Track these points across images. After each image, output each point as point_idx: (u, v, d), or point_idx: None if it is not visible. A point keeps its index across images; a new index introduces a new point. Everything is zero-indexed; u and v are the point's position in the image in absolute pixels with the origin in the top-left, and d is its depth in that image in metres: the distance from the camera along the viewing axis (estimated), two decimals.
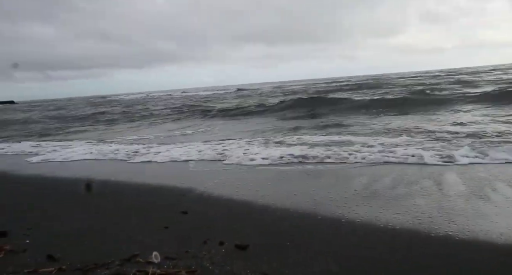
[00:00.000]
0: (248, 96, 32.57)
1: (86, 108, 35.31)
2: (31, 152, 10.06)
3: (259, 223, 3.66)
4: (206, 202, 4.47)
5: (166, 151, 8.28)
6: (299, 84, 51.58)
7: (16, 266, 2.68)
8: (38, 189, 5.79)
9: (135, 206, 4.39)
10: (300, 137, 9.03)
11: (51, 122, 22.77)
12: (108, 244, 3.18)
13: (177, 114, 20.76)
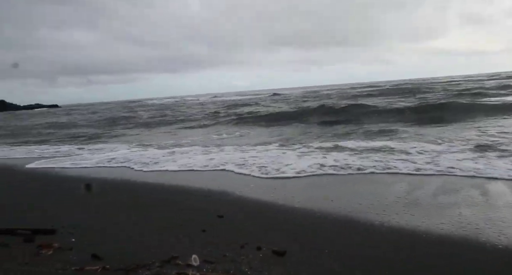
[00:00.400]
0: (283, 101, 32.43)
1: (123, 112, 36.46)
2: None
3: (295, 229, 3.64)
4: (242, 207, 4.50)
5: (201, 156, 8.40)
6: (334, 89, 50.76)
7: (64, 263, 2.80)
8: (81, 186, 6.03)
9: (174, 209, 4.48)
10: (337, 143, 8.90)
11: (96, 125, 23.65)
12: (148, 245, 3.26)
13: (211, 119, 21.02)
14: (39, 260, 2.88)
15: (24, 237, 3.43)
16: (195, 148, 9.96)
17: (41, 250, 3.11)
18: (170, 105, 43.28)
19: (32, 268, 2.69)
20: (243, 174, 6.38)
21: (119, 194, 5.45)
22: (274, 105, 27.49)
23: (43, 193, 5.80)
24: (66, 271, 2.65)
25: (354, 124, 13.86)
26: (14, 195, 5.71)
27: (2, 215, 4.36)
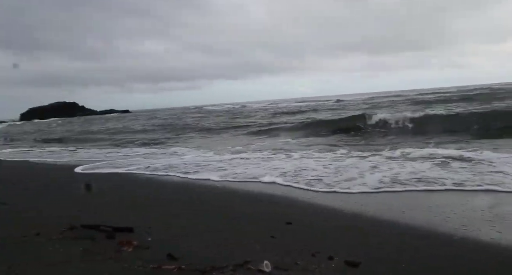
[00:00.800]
0: (349, 107, 31.62)
1: (189, 117, 37.94)
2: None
3: (368, 239, 3.51)
4: (311, 215, 4.45)
5: (270, 161, 8.47)
6: (403, 94, 48.28)
7: (143, 261, 2.95)
8: (156, 189, 6.35)
9: (245, 213, 4.55)
10: (407, 150, 8.49)
11: (164, 130, 24.89)
12: (222, 246, 3.33)
13: (268, 125, 21.03)
14: (121, 256, 3.05)
15: (106, 233, 3.67)
16: (255, 155, 10.06)
17: (122, 247, 3.30)
18: (233, 111, 44.22)
19: (116, 263, 2.87)
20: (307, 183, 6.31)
21: (190, 199, 5.65)
22: (333, 112, 26.97)
23: (120, 193, 6.19)
24: (145, 269, 2.79)
25: (421, 133, 13.13)
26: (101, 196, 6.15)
27: (93, 213, 4.71)
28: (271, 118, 26.33)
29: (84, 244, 3.34)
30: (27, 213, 4.55)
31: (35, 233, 3.64)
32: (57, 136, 25.32)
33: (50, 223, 4.04)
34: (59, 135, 26.17)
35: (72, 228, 3.85)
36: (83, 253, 3.10)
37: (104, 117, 66.69)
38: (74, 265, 2.82)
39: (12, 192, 6.16)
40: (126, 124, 34.42)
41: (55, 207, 4.93)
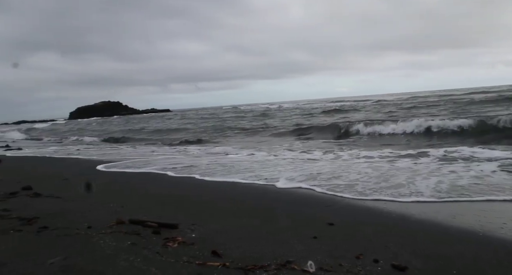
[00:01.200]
0: (391, 106, 30.67)
1: (229, 116, 38.38)
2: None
3: (416, 243, 3.40)
4: (353, 215, 4.37)
5: (311, 163, 8.40)
6: (446, 94, 45.90)
7: (189, 256, 3.02)
8: (195, 187, 6.48)
9: (286, 212, 4.54)
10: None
11: (204, 129, 25.38)
12: (263, 245, 3.35)
13: (306, 127, 20.85)
14: (167, 251, 3.15)
15: (153, 229, 3.80)
16: (293, 154, 10.00)
17: (168, 242, 3.40)
18: (269, 111, 44.22)
19: (163, 258, 2.96)
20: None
21: (232, 199, 5.71)
22: (375, 111, 26.27)
23: (162, 190, 6.37)
24: (191, 265, 2.86)
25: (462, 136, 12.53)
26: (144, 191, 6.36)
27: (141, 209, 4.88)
28: (309, 118, 26.10)
29: (131, 238, 3.47)
30: (78, 207, 4.78)
31: (86, 226, 3.83)
32: (118, 135, 25.90)
33: (99, 217, 4.23)
34: (118, 134, 26.80)
35: (119, 222, 4.01)
36: (131, 247, 3.23)
37: (148, 116, 68.53)
38: (123, 258, 2.93)
39: (63, 187, 6.51)
40: (169, 123, 35.35)
41: (101, 202, 5.15)
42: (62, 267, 2.73)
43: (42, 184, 6.61)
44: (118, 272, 2.67)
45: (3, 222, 3.89)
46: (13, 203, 4.94)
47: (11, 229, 3.64)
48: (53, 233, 3.59)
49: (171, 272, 2.69)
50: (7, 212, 4.33)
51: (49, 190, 6.02)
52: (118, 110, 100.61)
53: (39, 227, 3.77)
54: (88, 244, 3.29)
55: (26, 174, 8.32)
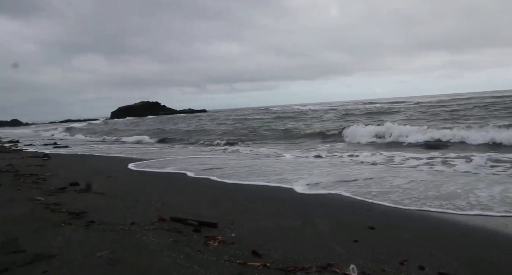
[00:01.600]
0: (433, 108, 29.51)
1: (264, 117, 38.40)
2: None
3: (463, 252, 3.26)
4: (394, 220, 4.26)
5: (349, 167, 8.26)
6: (496, 95, 43.05)
7: (229, 255, 3.06)
8: (234, 189, 6.55)
9: (325, 215, 4.50)
10: None
11: (239, 130, 25.57)
12: (303, 247, 3.33)
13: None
14: (208, 249, 3.20)
15: (193, 227, 3.87)
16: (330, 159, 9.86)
17: (208, 241, 3.45)
18: (305, 112, 43.75)
19: (204, 256, 3.01)
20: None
21: (271, 201, 5.72)
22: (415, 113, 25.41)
23: (204, 190, 6.49)
24: (232, 264, 2.89)
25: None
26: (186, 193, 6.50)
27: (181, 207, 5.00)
28: (347, 119, 25.66)
29: (173, 235, 3.56)
30: (121, 203, 4.96)
31: (130, 222, 3.96)
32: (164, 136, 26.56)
33: (141, 214, 4.36)
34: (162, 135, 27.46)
35: (161, 219, 4.12)
36: (173, 244, 3.30)
37: (187, 116, 69.79)
38: (166, 255, 3.01)
39: (107, 184, 6.78)
40: (202, 123, 35.86)
41: (143, 199, 5.30)
42: (110, 261, 2.84)
43: (87, 180, 6.91)
44: (162, 267, 2.74)
45: (55, 215, 4.10)
46: (63, 197, 5.20)
47: (62, 222, 3.83)
48: (99, 228, 3.74)
49: (213, 270, 2.73)
50: (58, 206, 4.56)
51: (95, 186, 6.29)
52: (156, 110, 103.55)
53: (87, 221, 3.94)
54: (132, 239, 3.40)
55: (73, 170, 8.73)
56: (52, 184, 6.39)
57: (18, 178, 7.07)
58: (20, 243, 3.13)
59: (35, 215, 4.15)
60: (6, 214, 4.09)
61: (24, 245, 3.10)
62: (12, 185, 6.12)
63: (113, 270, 2.68)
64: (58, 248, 3.08)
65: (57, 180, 6.90)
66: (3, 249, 2.96)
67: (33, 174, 7.55)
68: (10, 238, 3.24)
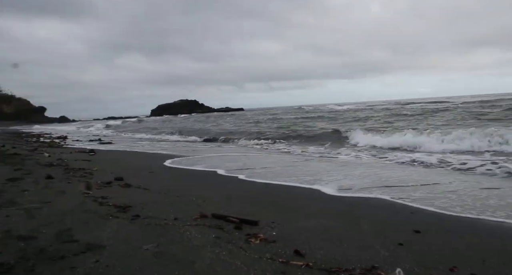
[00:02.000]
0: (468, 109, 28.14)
1: (302, 116, 38.08)
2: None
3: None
4: (441, 224, 4.09)
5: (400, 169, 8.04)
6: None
7: (271, 254, 3.06)
8: (276, 187, 6.55)
9: (368, 216, 4.40)
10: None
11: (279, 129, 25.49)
12: (346, 248, 3.28)
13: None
14: (250, 247, 3.22)
15: (234, 224, 3.91)
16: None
17: (250, 238, 3.47)
18: (338, 112, 42.90)
19: (246, 253, 3.03)
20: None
21: (314, 200, 5.68)
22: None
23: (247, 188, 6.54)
24: (274, 262, 2.89)
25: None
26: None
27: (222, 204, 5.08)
28: (395, 119, 24.97)
29: (215, 232, 3.61)
30: (164, 199, 5.09)
31: (173, 217, 4.06)
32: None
33: (183, 209, 4.46)
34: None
35: (203, 216, 4.19)
36: (215, 240, 3.36)
37: (225, 114, 70.49)
38: (209, 250, 3.06)
39: (149, 179, 6.99)
40: (233, 123, 36.08)
41: (184, 195, 5.42)
42: (156, 254, 2.93)
43: (131, 175, 7.17)
44: (206, 262, 2.79)
45: (103, 208, 4.29)
46: (109, 191, 5.42)
47: (110, 215, 4.00)
48: (144, 222, 3.86)
49: (256, 267, 2.74)
50: (105, 200, 4.75)
51: (138, 182, 6.51)
52: (194, 108, 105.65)
53: (132, 215, 4.08)
54: (176, 234, 3.48)
55: (117, 165, 9.08)
56: (98, 178, 6.68)
57: (68, 171, 7.45)
58: (73, 233, 3.30)
59: (85, 207, 4.35)
60: (59, 205, 4.32)
61: (76, 235, 3.26)
62: (63, 178, 6.45)
63: (159, 263, 2.76)
64: (107, 239, 3.21)
65: (103, 175, 7.20)
66: (59, 238, 3.13)
67: (81, 168, 7.92)
68: (64, 228, 3.42)
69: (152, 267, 2.67)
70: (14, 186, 5.41)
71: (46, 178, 6.24)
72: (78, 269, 2.57)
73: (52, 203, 4.40)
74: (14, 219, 3.69)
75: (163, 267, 2.68)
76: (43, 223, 3.59)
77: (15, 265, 2.59)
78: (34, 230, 3.34)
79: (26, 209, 4.05)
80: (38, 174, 6.77)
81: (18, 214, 3.85)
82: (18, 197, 4.61)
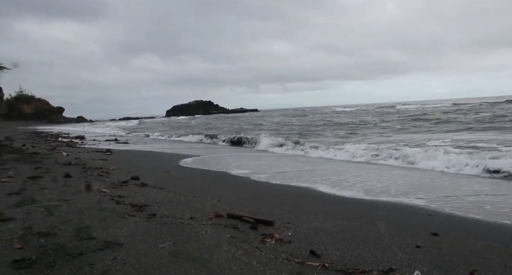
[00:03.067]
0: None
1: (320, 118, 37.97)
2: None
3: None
4: (460, 227, 4.02)
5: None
6: None
7: (287, 254, 3.05)
8: (292, 188, 6.54)
9: (385, 218, 4.35)
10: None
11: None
12: (362, 249, 3.25)
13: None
14: (266, 247, 3.21)
15: (250, 224, 3.91)
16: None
17: (265, 238, 3.47)
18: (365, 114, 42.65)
19: (262, 253, 3.03)
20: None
21: (328, 201, 5.64)
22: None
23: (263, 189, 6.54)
24: (290, 262, 2.88)
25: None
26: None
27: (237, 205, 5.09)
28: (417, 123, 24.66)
29: (231, 231, 3.62)
30: (179, 198, 5.13)
31: (189, 217, 4.08)
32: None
33: (198, 209, 4.48)
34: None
35: (218, 215, 4.20)
36: (231, 239, 3.36)
37: (241, 115, 70.60)
38: (225, 249, 3.07)
39: (165, 179, 7.05)
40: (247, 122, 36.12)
41: (199, 195, 5.45)
42: (172, 252, 2.95)
43: (147, 175, 7.24)
44: (221, 261, 2.80)
45: (120, 207, 4.34)
46: (126, 190, 5.48)
47: (127, 214, 4.04)
48: (160, 220, 3.90)
49: (272, 267, 2.74)
50: (122, 198, 4.81)
51: (153, 181, 6.57)
52: (209, 109, 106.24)
53: (149, 214, 4.12)
54: (192, 233, 3.50)
55: (133, 165, 9.19)
56: (115, 177, 6.76)
57: (85, 170, 7.57)
58: (91, 231, 3.35)
59: (102, 205, 4.41)
60: (77, 203, 4.39)
61: (94, 233, 3.31)
62: (80, 177, 6.56)
63: (176, 261, 2.78)
64: (124, 237, 3.25)
65: (120, 174, 7.30)
66: (77, 235, 3.18)
67: (98, 168, 8.04)
68: (83, 226, 3.48)
69: (168, 265, 2.69)
70: (34, 184, 5.52)
71: (65, 176, 6.35)
72: (96, 266, 2.60)
73: (71, 201, 4.47)
74: (35, 216, 3.76)
75: (179, 265, 2.70)
76: (62, 220, 3.65)
77: (36, 260, 2.65)
78: (54, 227, 3.41)
79: (46, 207, 4.13)
80: (57, 172, 6.90)
81: (38, 211, 3.92)
82: (38, 195, 4.71)
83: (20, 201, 4.36)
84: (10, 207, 4.04)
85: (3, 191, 4.84)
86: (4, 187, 5.17)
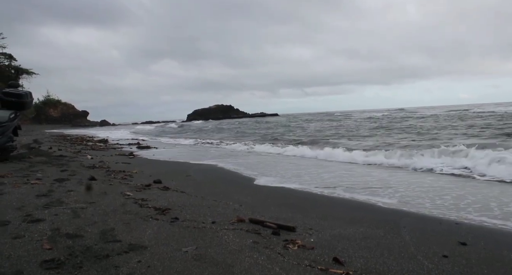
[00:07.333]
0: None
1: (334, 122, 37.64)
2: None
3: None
4: (490, 237, 3.88)
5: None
6: None
7: (310, 261, 3.02)
8: (312, 195, 6.49)
9: (410, 226, 4.26)
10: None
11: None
12: (386, 257, 3.19)
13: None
14: (288, 253, 3.19)
15: (272, 229, 3.90)
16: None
17: (288, 244, 3.45)
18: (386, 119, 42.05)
19: (285, 259, 3.01)
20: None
21: (351, 208, 5.58)
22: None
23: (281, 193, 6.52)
24: (313, 269, 2.85)
25: None
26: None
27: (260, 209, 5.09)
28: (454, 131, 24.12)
29: (253, 236, 3.61)
30: (201, 202, 5.16)
31: (211, 221, 4.10)
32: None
33: (220, 213, 4.50)
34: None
35: (240, 220, 4.21)
36: (253, 245, 3.35)
37: (263, 119, 70.69)
38: (247, 255, 3.06)
39: (187, 183, 7.12)
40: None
41: (221, 199, 5.47)
42: (195, 256, 2.97)
43: (169, 179, 7.34)
44: (244, 267, 2.79)
45: (143, 210, 4.40)
46: (148, 194, 5.56)
47: (150, 217, 4.09)
48: (183, 224, 3.92)
49: (295, 274, 2.71)
50: (145, 202, 4.88)
51: (175, 185, 6.65)
52: (230, 113, 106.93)
53: (172, 217, 4.16)
54: (214, 237, 3.51)
55: (155, 168, 9.32)
56: (138, 180, 6.87)
57: (109, 173, 7.72)
58: (116, 233, 3.40)
59: (126, 208, 4.48)
60: (102, 206, 4.48)
61: (119, 235, 3.36)
62: (105, 180, 6.69)
63: (199, 265, 2.79)
64: (148, 240, 3.29)
65: (142, 177, 7.41)
66: (103, 237, 3.24)
67: (121, 171, 8.19)
68: (108, 228, 3.54)
69: (191, 269, 2.71)
70: (61, 186, 5.66)
71: (90, 179, 6.50)
72: (122, 268, 2.64)
73: (96, 204, 4.56)
74: (62, 217, 3.85)
75: (202, 269, 2.71)
76: (88, 222, 3.73)
77: (65, 261, 2.71)
78: (80, 229, 3.48)
79: (73, 209, 4.23)
80: (82, 175, 7.06)
81: (66, 213, 4.02)
82: (64, 197, 4.82)
83: (48, 202, 4.48)
84: (39, 208, 4.16)
85: (33, 193, 4.98)
86: (33, 188, 5.32)
